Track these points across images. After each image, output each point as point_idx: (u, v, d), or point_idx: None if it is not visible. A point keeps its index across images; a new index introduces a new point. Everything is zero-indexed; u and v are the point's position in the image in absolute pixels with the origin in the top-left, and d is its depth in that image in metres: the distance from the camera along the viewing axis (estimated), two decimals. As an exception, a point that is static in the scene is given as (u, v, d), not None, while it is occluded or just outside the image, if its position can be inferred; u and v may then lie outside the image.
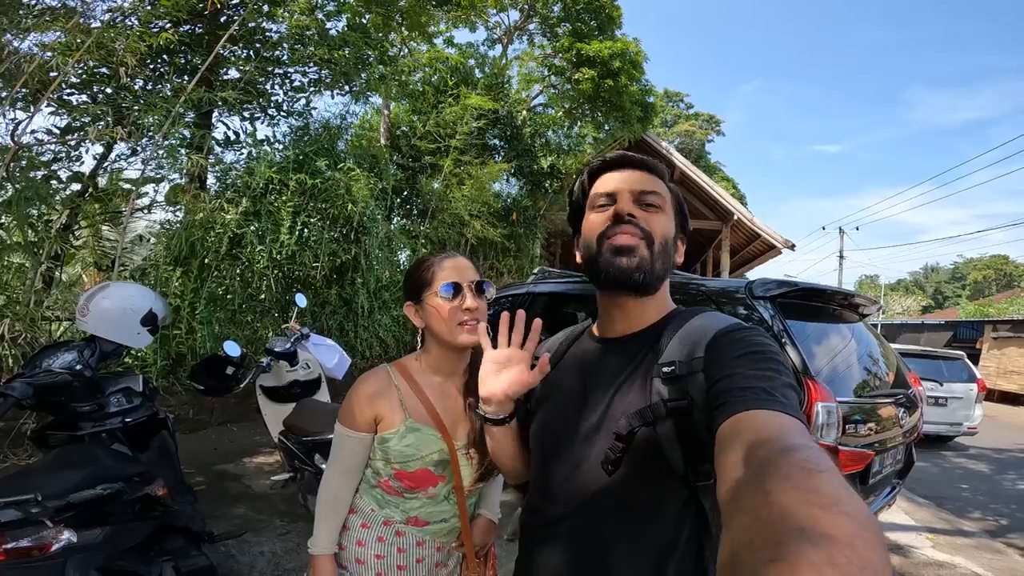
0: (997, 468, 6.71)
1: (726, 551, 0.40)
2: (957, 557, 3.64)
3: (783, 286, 2.73)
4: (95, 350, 2.05)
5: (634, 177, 0.90)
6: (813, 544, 0.33)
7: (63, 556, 1.39)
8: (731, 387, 0.68)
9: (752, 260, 15.04)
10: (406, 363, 1.23)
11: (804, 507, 0.37)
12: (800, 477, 0.42)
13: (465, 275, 1.16)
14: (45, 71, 3.82)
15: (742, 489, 0.47)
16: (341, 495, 1.21)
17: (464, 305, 1.13)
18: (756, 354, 0.73)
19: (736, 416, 0.62)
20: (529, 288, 4.34)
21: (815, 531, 0.35)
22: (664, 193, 0.91)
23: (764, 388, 0.65)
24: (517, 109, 10.06)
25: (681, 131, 29.03)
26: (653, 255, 0.86)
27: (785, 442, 0.52)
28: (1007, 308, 19.34)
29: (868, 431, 2.68)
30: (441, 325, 1.14)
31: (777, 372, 0.70)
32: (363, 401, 1.16)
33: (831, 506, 0.37)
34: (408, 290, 1.22)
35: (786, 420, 0.60)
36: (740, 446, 0.56)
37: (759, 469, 0.48)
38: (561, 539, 0.87)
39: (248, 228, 4.57)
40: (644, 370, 0.84)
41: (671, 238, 0.90)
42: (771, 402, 0.63)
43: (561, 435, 0.91)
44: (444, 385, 1.20)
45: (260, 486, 3.74)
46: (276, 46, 5.40)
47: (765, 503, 0.40)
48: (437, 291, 1.13)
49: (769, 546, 0.35)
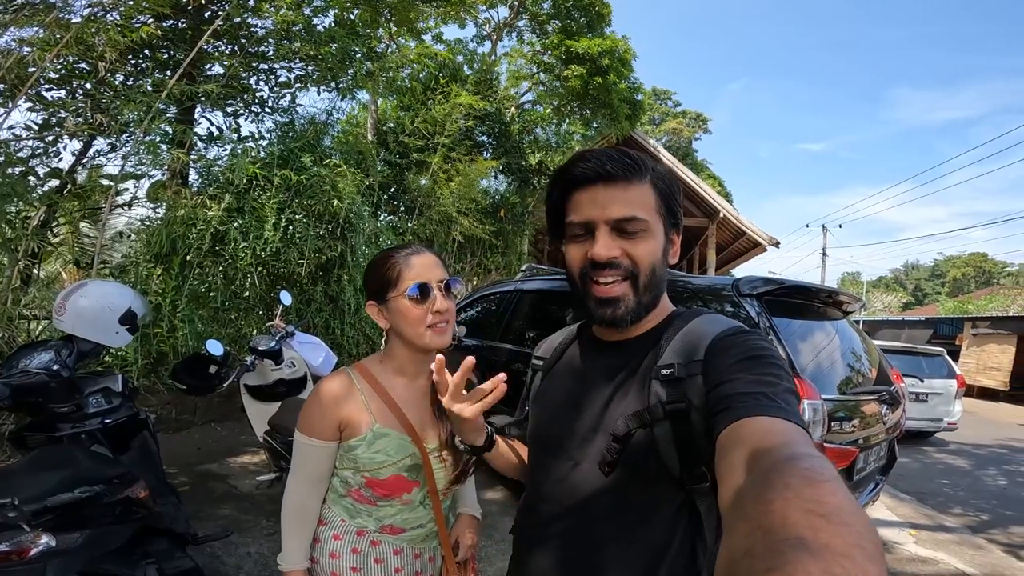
0: (977, 464, 6.82)
1: (724, 558, 0.39)
2: (940, 553, 3.68)
3: (769, 284, 2.75)
4: (73, 350, 2.01)
5: (611, 198, 0.81)
6: (812, 554, 0.33)
7: (42, 561, 1.36)
8: (732, 392, 0.67)
9: (738, 257, 15.19)
10: (368, 365, 1.16)
11: (805, 516, 0.37)
12: (802, 486, 0.41)
13: (433, 274, 1.09)
14: (23, 66, 3.73)
15: (743, 496, 0.47)
16: (308, 505, 1.13)
17: (434, 307, 1.07)
18: (758, 359, 0.72)
19: (738, 422, 0.62)
20: (517, 285, 4.34)
21: (815, 541, 0.34)
22: (647, 208, 0.82)
23: (766, 394, 0.65)
24: (506, 106, 10.04)
25: (668, 129, 29.20)
26: (639, 292, 0.83)
27: (788, 450, 0.51)
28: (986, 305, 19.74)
29: (852, 428, 2.71)
30: (409, 328, 1.08)
31: (779, 378, 0.69)
32: (325, 407, 1.08)
33: (832, 516, 0.37)
34: (371, 289, 1.13)
35: (788, 427, 0.59)
36: (742, 453, 0.56)
37: (761, 477, 0.47)
38: (555, 539, 0.87)
39: (231, 225, 4.50)
40: (643, 372, 0.83)
41: (659, 259, 0.84)
42: (773, 408, 0.62)
43: (558, 435, 0.91)
44: (410, 387, 1.14)
45: (245, 486, 3.70)
46: (261, 41, 5.32)
47: (766, 511, 0.39)
48: (405, 292, 1.07)
49: (767, 554, 0.35)
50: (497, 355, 4.00)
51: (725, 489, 0.54)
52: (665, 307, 0.91)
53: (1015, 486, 5.79)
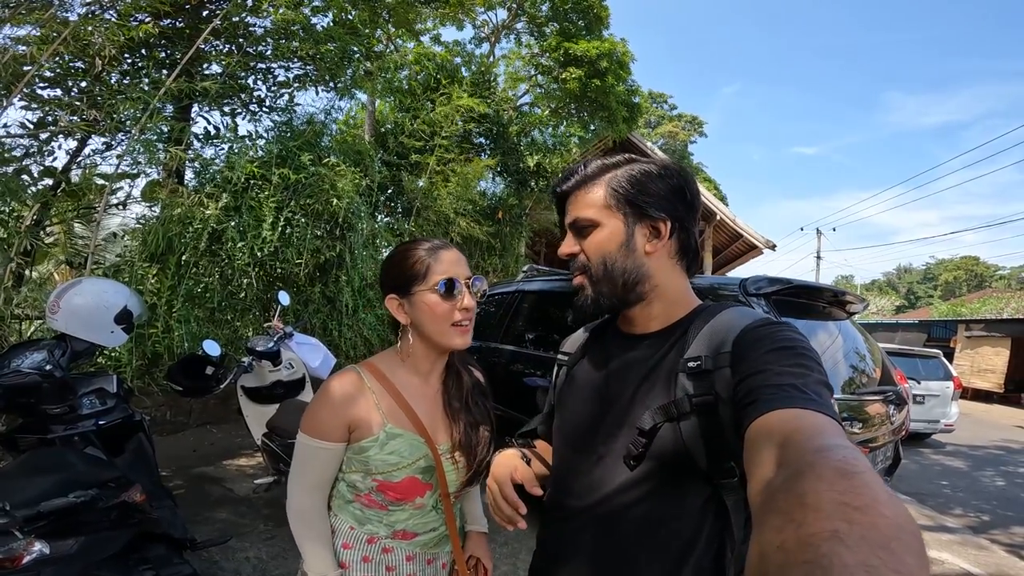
0: (975, 465, 6.85)
1: (756, 552, 0.38)
2: (944, 553, 3.68)
3: (775, 283, 2.73)
4: (66, 349, 1.96)
5: (572, 205, 0.90)
6: (847, 547, 0.32)
7: (36, 568, 1.30)
8: (761, 384, 0.65)
9: (734, 260, 15.22)
10: (377, 363, 1.12)
11: (839, 509, 0.36)
12: (835, 478, 0.40)
13: (461, 270, 1.06)
14: (19, 63, 3.67)
15: (775, 490, 0.45)
16: (317, 507, 1.08)
17: (462, 304, 1.05)
18: (787, 349, 0.70)
19: (768, 414, 0.60)
20: (519, 286, 4.31)
21: (850, 534, 0.33)
22: (595, 207, 0.86)
23: (796, 385, 0.63)
24: (504, 108, 10.02)
25: (665, 132, 29.28)
26: (596, 282, 0.87)
27: (820, 442, 0.50)
28: (980, 308, 19.82)
29: (859, 428, 2.69)
30: (433, 324, 1.05)
31: (809, 369, 0.67)
32: (334, 407, 1.03)
33: (867, 508, 0.36)
34: (393, 282, 1.09)
35: (820, 419, 0.57)
36: (772, 445, 0.54)
37: (792, 469, 0.46)
38: (580, 533, 0.86)
39: (228, 224, 4.45)
40: (669, 365, 0.81)
41: (612, 250, 0.86)
42: (804, 400, 0.60)
43: (583, 429, 0.90)
44: (422, 386, 1.11)
45: (243, 490, 3.64)
46: (260, 41, 5.27)
47: (799, 504, 0.38)
48: (434, 287, 1.03)
49: (801, 548, 0.34)
50: (498, 356, 3.96)
51: (755, 483, 0.52)
52: (689, 300, 0.89)
53: (1014, 487, 5.82)
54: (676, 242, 0.87)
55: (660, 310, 0.87)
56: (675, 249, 0.88)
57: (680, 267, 0.89)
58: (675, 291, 0.89)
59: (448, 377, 1.15)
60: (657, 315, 0.87)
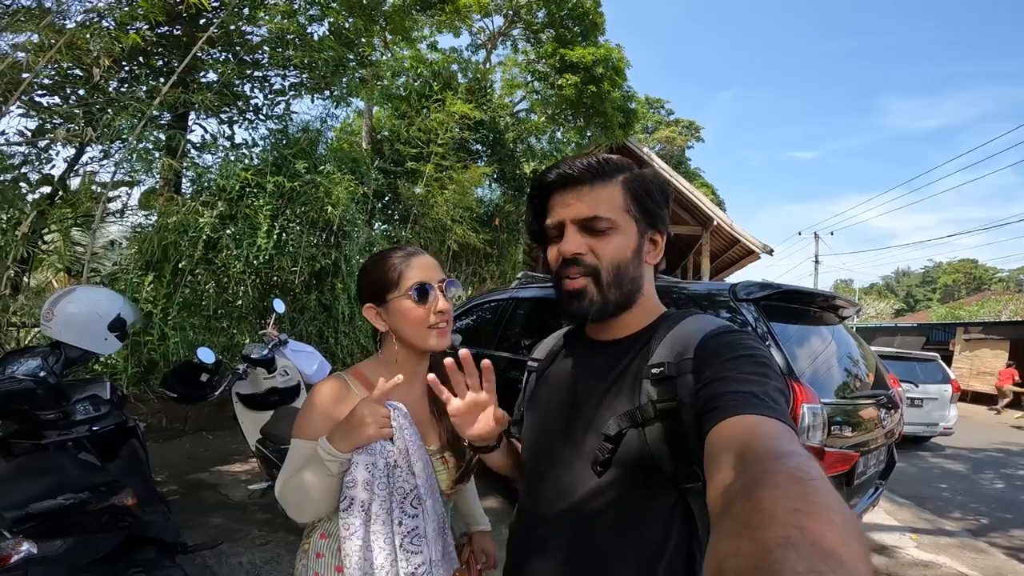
0: (974, 468, 6.83)
1: (713, 557, 0.39)
2: (942, 557, 3.66)
3: (766, 288, 2.75)
4: (60, 356, 1.98)
5: (579, 199, 0.85)
6: (798, 553, 0.33)
7: (23, 568, 1.32)
8: (721, 391, 0.67)
9: (731, 265, 15.25)
10: (362, 370, 1.15)
11: (791, 516, 0.37)
12: (789, 484, 0.42)
13: (434, 274, 1.10)
14: (16, 71, 3.71)
15: (731, 496, 0.47)
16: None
17: (436, 308, 1.08)
18: (746, 357, 0.72)
19: (726, 420, 0.62)
20: (513, 293, 4.32)
21: (801, 540, 0.34)
22: (613, 207, 0.84)
23: (755, 393, 0.65)
24: (500, 114, 10.06)
25: (662, 137, 29.35)
26: (603, 288, 0.84)
27: (775, 449, 0.52)
28: (978, 311, 19.86)
29: (852, 432, 2.70)
30: (410, 329, 1.08)
31: (767, 377, 0.69)
32: (325, 410, 1.05)
33: (818, 514, 0.37)
34: (369, 292, 1.12)
35: (776, 426, 0.59)
36: (730, 452, 0.56)
37: (748, 476, 0.48)
38: (550, 540, 0.87)
39: (224, 232, 4.47)
40: (634, 372, 0.83)
41: (627, 256, 0.85)
42: (761, 407, 0.62)
43: (551, 436, 0.91)
44: (407, 390, 1.10)
45: (237, 495, 3.64)
46: (256, 49, 5.32)
47: (754, 510, 0.40)
48: (407, 293, 1.06)
49: (755, 553, 0.35)
50: (493, 363, 3.97)
51: (713, 487, 0.54)
52: (656, 308, 0.91)
53: (1012, 489, 5.80)
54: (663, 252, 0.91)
55: (636, 318, 0.89)
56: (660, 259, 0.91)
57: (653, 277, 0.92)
58: (650, 299, 0.91)
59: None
60: (631, 323, 0.89)
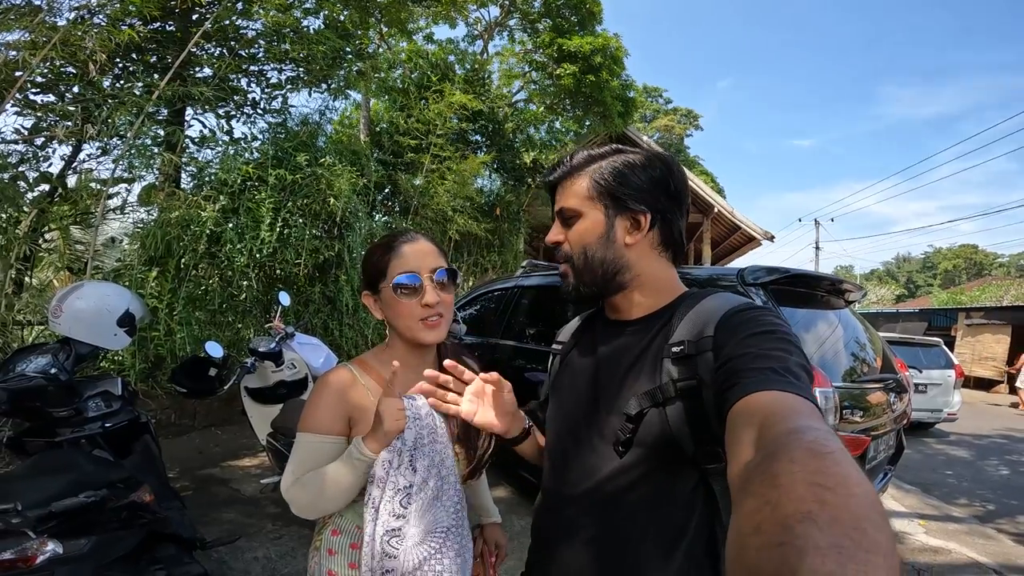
0: (979, 454, 6.84)
1: (734, 535, 0.39)
2: (951, 543, 3.67)
3: (773, 273, 2.74)
4: (70, 353, 1.97)
5: (559, 194, 0.93)
6: (819, 527, 0.33)
7: (50, 568, 1.31)
8: (742, 367, 0.66)
9: (732, 252, 15.23)
10: (368, 360, 1.10)
11: (811, 490, 0.37)
12: (807, 459, 0.41)
13: (424, 263, 1.03)
14: (10, 69, 3.67)
15: (751, 472, 0.46)
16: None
17: (423, 300, 1.01)
18: (768, 333, 0.71)
19: (746, 397, 0.61)
20: (518, 282, 4.32)
21: (821, 514, 0.34)
22: (578, 197, 0.89)
23: (775, 368, 0.64)
24: (498, 105, 10.00)
25: (660, 126, 29.24)
26: (577, 271, 0.90)
27: (794, 423, 0.51)
28: (979, 296, 19.83)
29: (862, 417, 2.70)
30: (400, 320, 1.03)
31: (789, 352, 0.68)
32: (332, 399, 1.01)
33: (837, 487, 0.37)
34: (367, 279, 1.07)
35: (796, 401, 0.58)
36: (750, 428, 0.55)
37: (768, 452, 0.47)
38: (575, 521, 0.87)
39: (227, 226, 4.44)
40: (655, 351, 0.83)
41: (592, 240, 0.88)
42: (783, 383, 0.61)
43: (574, 417, 0.91)
44: (413, 380, 1.06)
45: (249, 490, 3.65)
46: (251, 43, 5.26)
47: (773, 486, 0.39)
48: (391, 284, 1.00)
49: (776, 530, 0.35)
50: (499, 352, 3.98)
51: (734, 465, 0.54)
52: (675, 287, 0.91)
53: (1018, 476, 5.82)
54: (658, 233, 0.88)
55: (643, 298, 0.89)
56: (658, 240, 0.89)
57: (665, 257, 0.90)
58: (658, 280, 0.90)
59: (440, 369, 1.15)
60: (640, 303, 0.89)
